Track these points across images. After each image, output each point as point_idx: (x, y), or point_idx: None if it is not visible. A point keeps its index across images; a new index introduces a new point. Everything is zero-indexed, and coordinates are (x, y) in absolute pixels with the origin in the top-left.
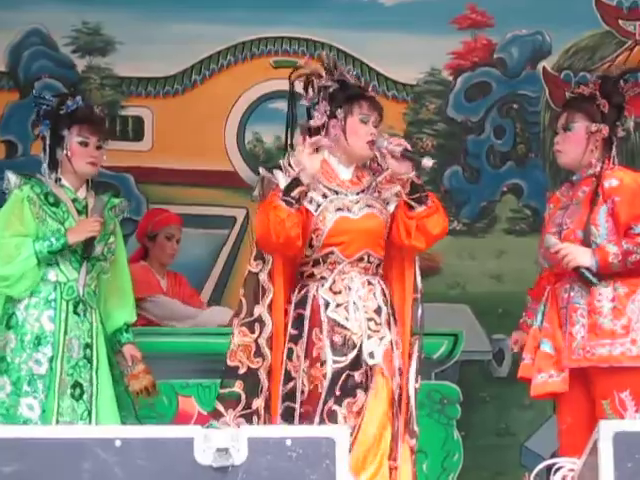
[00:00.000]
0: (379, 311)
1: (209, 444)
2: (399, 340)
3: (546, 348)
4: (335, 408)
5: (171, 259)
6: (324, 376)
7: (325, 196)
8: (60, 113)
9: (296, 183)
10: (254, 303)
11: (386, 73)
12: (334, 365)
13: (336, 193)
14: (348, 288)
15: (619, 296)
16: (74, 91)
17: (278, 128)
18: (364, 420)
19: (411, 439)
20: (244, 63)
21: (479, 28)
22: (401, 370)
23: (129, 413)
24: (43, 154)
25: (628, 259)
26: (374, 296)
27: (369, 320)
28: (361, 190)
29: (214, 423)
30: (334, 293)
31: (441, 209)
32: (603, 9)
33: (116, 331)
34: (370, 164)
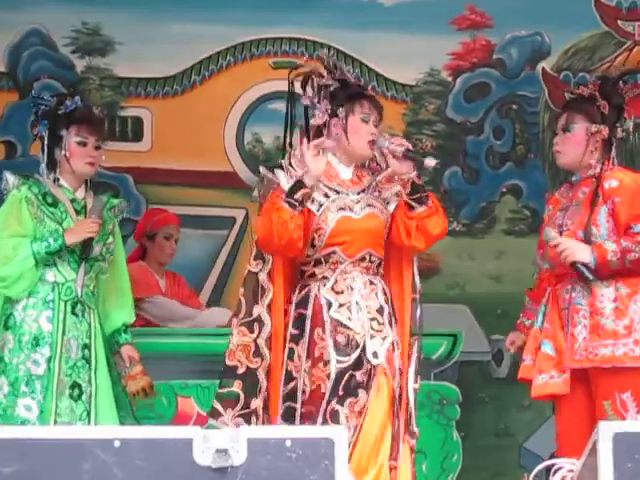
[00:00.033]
0: (381, 311)
1: (208, 445)
2: (399, 340)
3: (547, 349)
4: (337, 408)
5: (170, 259)
6: (327, 376)
7: (327, 196)
8: (58, 113)
9: (300, 185)
10: (253, 303)
11: (385, 73)
12: (338, 365)
13: (337, 193)
14: (350, 288)
15: (621, 296)
16: (73, 91)
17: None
18: (366, 420)
19: (411, 439)
20: (243, 64)
21: (478, 29)
22: (401, 370)
23: (127, 413)
24: (41, 154)
25: (627, 257)
26: (376, 296)
27: (372, 320)
28: (362, 190)
29: (213, 424)
30: (336, 293)
31: (441, 209)
32: (602, 10)
33: (114, 332)
34: (369, 164)
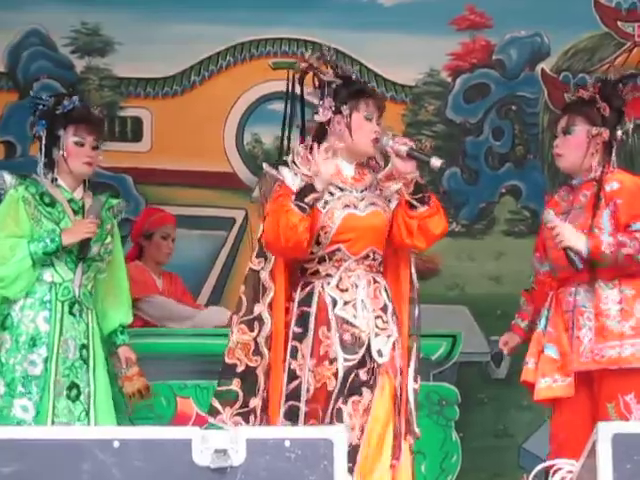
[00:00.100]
0: (385, 309)
1: (207, 445)
2: (399, 339)
3: (551, 353)
4: (341, 406)
5: (167, 258)
6: (334, 374)
7: (331, 193)
8: (56, 113)
9: (310, 189)
10: (254, 301)
11: (385, 74)
12: (345, 363)
13: (341, 190)
14: (355, 286)
15: (626, 298)
16: (72, 91)
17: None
18: (369, 420)
19: (412, 439)
20: (243, 64)
21: (478, 29)
22: (401, 369)
23: (123, 415)
24: (39, 154)
25: (620, 251)
26: (380, 294)
27: (376, 318)
28: (365, 187)
29: (213, 423)
30: (341, 291)
31: (441, 209)
32: (602, 10)
33: (111, 333)
34: (368, 161)
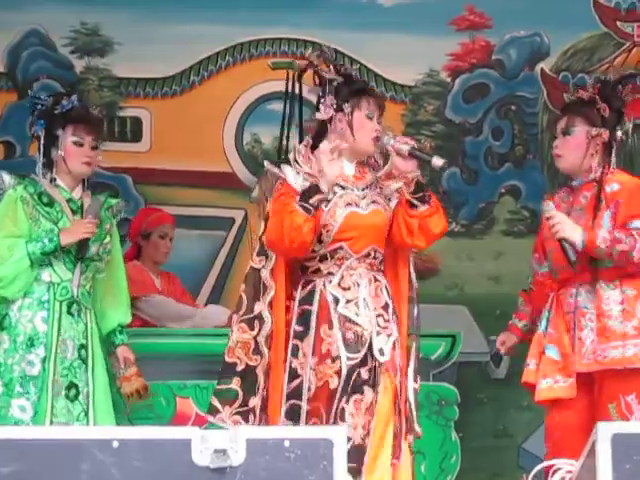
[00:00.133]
0: (386, 307)
1: (206, 445)
2: (399, 338)
3: (552, 354)
4: (343, 405)
5: (165, 258)
6: (337, 373)
7: (333, 192)
8: (55, 113)
9: (315, 190)
10: (254, 300)
11: (384, 74)
12: (348, 362)
13: (343, 188)
14: (357, 284)
15: (628, 298)
16: (72, 91)
17: (276, 129)
18: (373, 419)
19: (412, 438)
20: (242, 64)
21: (477, 29)
22: (401, 368)
23: (122, 415)
24: (38, 154)
25: (615, 247)
26: (381, 292)
27: (378, 316)
28: (366, 186)
29: (213, 423)
30: (343, 289)
31: (441, 208)
32: (601, 10)
33: (110, 332)
34: (368, 160)
